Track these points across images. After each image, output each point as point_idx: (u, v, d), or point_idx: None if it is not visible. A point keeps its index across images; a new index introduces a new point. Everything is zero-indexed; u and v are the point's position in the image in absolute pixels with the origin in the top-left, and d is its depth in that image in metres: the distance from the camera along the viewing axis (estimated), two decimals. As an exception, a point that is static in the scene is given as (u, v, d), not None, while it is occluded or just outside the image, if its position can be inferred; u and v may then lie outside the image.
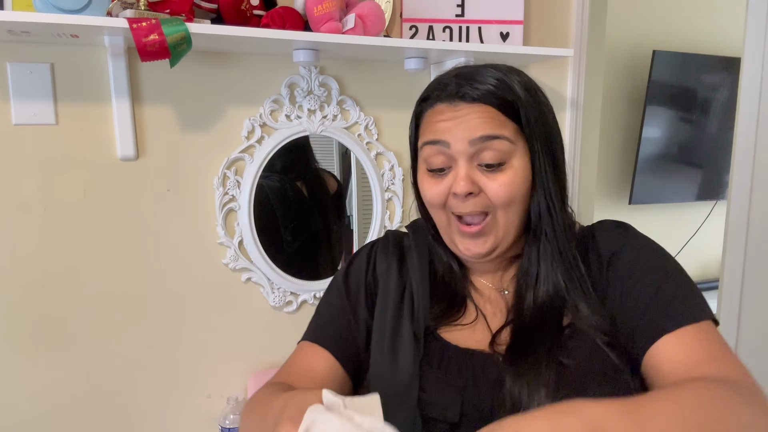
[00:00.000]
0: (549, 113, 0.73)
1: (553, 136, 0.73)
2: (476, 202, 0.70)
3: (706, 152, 3.12)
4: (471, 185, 0.69)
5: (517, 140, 0.69)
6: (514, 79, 0.70)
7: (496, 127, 0.68)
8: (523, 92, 0.70)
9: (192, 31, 1.02)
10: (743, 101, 1.38)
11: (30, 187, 1.13)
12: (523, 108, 0.69)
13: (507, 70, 0.72)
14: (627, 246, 0.73)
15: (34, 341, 1.16)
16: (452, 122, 0.69)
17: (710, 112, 3.06)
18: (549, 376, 0.64)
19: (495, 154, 0.68)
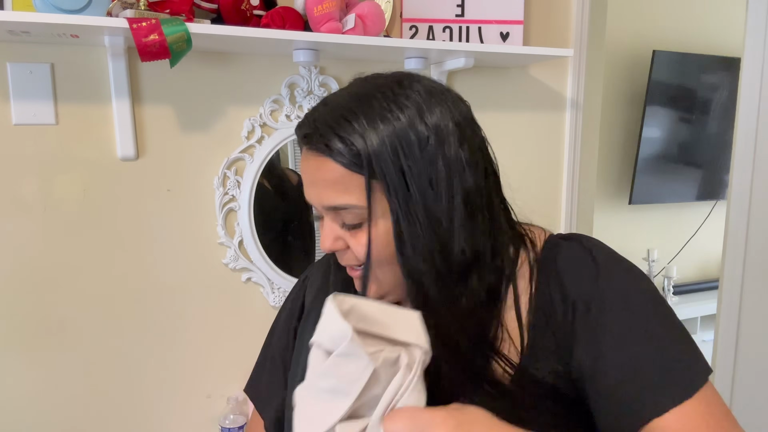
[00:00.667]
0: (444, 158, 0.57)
1: (436, 189, 0.57)
2: (347, 257, 0.63)
3: (706, 152, 3.12)
4: (334, 242, 0.61)
5: (379, 199, 0.57)
6: (381, 113, 0.56)
7: (341, 192, 0.57)
8: (387, 137, 0.55)
9: (192, 31, 1.02)
10: (743, 101, 1.38)
11: (30, 187, 1.13)
12: (378, 164, 0.55)
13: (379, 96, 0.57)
14: (602, 294, 0.59)
15: (34, 341, 1.16)
16: (306, 178, 0.61)
17: (710, 112, 3.06)
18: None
19: (351, 217, 0.59)
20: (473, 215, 0.59)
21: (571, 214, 1.59)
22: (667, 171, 3.06)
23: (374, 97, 0.57)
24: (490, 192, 0.62)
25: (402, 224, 0.56)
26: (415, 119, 0.56)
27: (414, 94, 0.58)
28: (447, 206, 0.57)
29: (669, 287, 3.08)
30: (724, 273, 1.47)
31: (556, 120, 1.57)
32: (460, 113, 0.60)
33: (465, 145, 0.58)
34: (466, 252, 0.58)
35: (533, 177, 1.55)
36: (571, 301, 0.59)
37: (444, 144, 0.57)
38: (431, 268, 0.58)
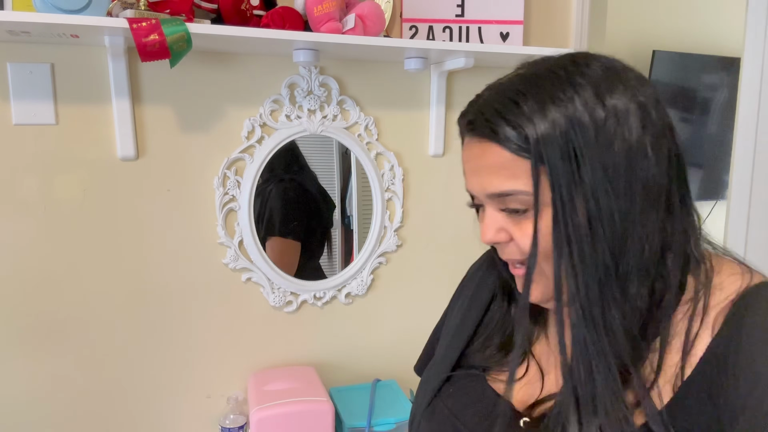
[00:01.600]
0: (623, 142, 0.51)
1: (612, 177, 0.50)
2: (510, 250, 0.58)
3: (706, 152, 3.12)
4: (496, 234, 0.57)
5: (547, 186, 0.52)
6: (552, 94, 0.51)
7: (507, 178, 0.53)
8: (558, 119, 0.50)
9: (192, 31, 1.02)
10: (743, 101, 1.38)
11: (30, 187, 1.13)
12: (546, 148, 0.50)
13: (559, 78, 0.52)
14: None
15: (34, 341, 1.16)
16: (469, 166, 0.58)
17: (710, 112, 3.06)
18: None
19: (516, 204, 0.54)
20: (653, 210, 0.52)
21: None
22: (667, 171, 3.06)
23: (545, 77, 0.52)
24: (674, 180, 0.54)
25: (562, 214, 0.51)
26: (590, 99, 0.50)
27: (591, 72, 0.52)
28: (624, 197, 0.51)
29: (669, 287, 3.08)
30: (724, 273, 1.47)
31: (556, 120, 1.57)
32: (644, 94, 0.53)
33: (649, 129, 0.52)
34: (641, 254, 0.52)
35: (533, 177, 1.55)
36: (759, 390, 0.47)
37: (624, 126, 0.50)
38: (591, 268, 0.51)
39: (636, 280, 0.52)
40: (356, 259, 1.40)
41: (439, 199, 1.45)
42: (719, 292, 0.54)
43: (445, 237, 1.47)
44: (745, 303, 0.51)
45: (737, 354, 0.49)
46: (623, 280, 0.52)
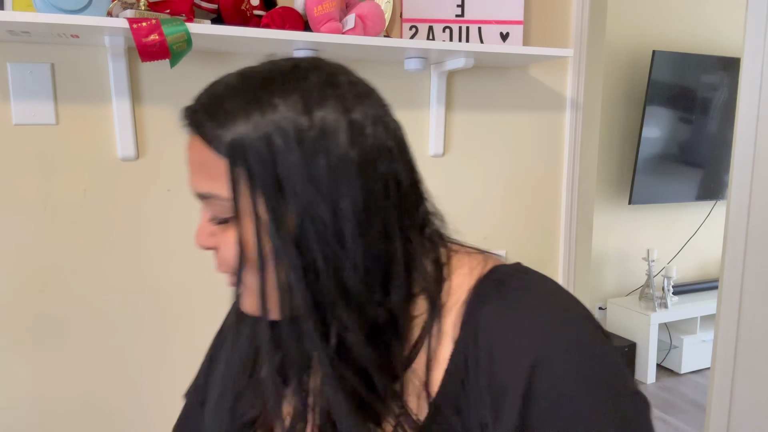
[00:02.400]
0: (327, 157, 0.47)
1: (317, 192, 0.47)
2: (219, 259, 0.53)
3: (706, 152, 3.12)
4: (207, 238, 0.52)
5: (246, 194, 0.48)
6: (260, 98, 0.48)
7: (207, 179, 0.49)
8: (260, 124, 0.47)
9: (192, 31, 1.02)
10: (743, 101, 1.38)
11: (30, 187, 1.13)
12: (243, 152, 0.47)
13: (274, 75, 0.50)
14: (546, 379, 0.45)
15: (34, 341, 1.16)
16: (188, 159, 0.53)
17: (710, 112, 3.07)
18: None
19: (218, 210, 0.50)
20: (366, 232, 0.48)
21: (571, 214, 1.59)
22: (667, 171, 3.07)
23: (260, 79, 0.50)
24: (393, 206, 0.51)
25: (267, 225, 0.47)
26: (298, 108, 0.48)
27: (306, 81, 0.50)
28: (331, 214, 0.47)
29: (669, 287, 3.08)
30: (724, 273, 1.47)
31: (556, 120, 1.57)
32: (362, 112, 0.51)
33: (358, 149, 0.48)
34: (355, 274, 0.49)
35: (533, 177, 1.55)
36: (497, 389, 0.46)
37: (329, 141, 0.47)
38: (301, 285, 0.48)
39: (355, 301, 0.49)
40: (356, 259, 1.40)
41: (439, 199, 1.45)
42: (453, 296, 0.52)
43: (445, 237, 1.47)
44: (475, 299, 0.50)
45: (476, 356, 0.48)
46: (341, 300, 0.49)
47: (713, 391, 1.52)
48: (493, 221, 1.52)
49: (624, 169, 3.10)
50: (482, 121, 1.47)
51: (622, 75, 2.99)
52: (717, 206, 3.31)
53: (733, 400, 1.46)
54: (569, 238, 1.58)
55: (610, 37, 2.71)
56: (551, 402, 0.45)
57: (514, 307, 0.48)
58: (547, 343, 0.46)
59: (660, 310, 3.03)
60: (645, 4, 2.96)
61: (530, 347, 0.46)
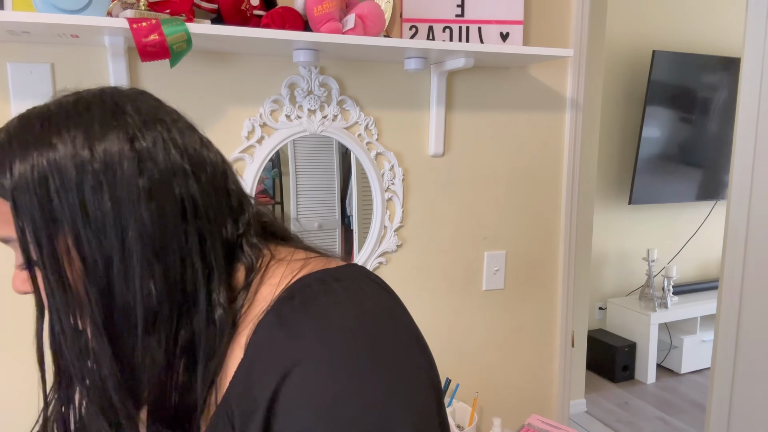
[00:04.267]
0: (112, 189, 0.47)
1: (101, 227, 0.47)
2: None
3: (706, 152, 3.13)
4: (21, 284, 0.53)
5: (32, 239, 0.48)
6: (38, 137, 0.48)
7: (4, 223, 0.49)
8: (36, 166, 0.47)
9: (192, 31, 1.02)
10: (743, 101, 1.38)
11: (30, 187, 1.13)
12: (20, 196, 0.47)
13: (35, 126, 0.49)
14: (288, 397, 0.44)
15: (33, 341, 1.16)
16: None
17: (710, 112, 3.07)
18: None
19: (18, 254, 0.52)
20: (157, 255, 0.48)
21: (571, 214, 1.59)
22: (667, 171, 3.07)
23: (39, 120, 0.49)
24: (193, 227, 0.50)
25: (46, 267, 0.48)
26: (78, 143, 0.47)
27: (87, 114, 0.49)
28: (118, 248, 0.47)
29: (669, 287, 3.09)
30: (724, 273, 1.47)
31: (556, 120, 1.57)
32: (151, 138, 0.50)
33: (147, 175, 0.48)
34: (149, 304, 0.48)
35: (533, 177, 1.55)
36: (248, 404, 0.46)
37: (114, 173, 0.47)
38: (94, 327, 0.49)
39: (153, 332, 0.49)
40: (356, 259, 1.40)
41: (439, 199, 1.45)
42: (256, 308, 0.51)
43: (445, 237, 1.47)
44: (269, 309, 0.49)
45: (246, 372, 0.47)
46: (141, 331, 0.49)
47: (713, 391, 1.53)
48: (493, 221, 1.52)
49: (624, 169, 3.10)
50: (482, 121, 1.47)
51: (622, 75, 2.99)
52: (717, 206, 3.31)
53: (733, 400, 1.46)
54: (569, 238, 1.58)
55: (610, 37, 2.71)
56: (287, 421, 0.43)
57: (283, 321, 0.46)
58: (298, 359, 0.44)
59: (660, 310, 3.03)
60: (645, 4, 2.96)
61: (281, 362, 0.44)
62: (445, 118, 1.43)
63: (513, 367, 1.59)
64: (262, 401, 0.44)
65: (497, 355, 1.57)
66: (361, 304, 0.47)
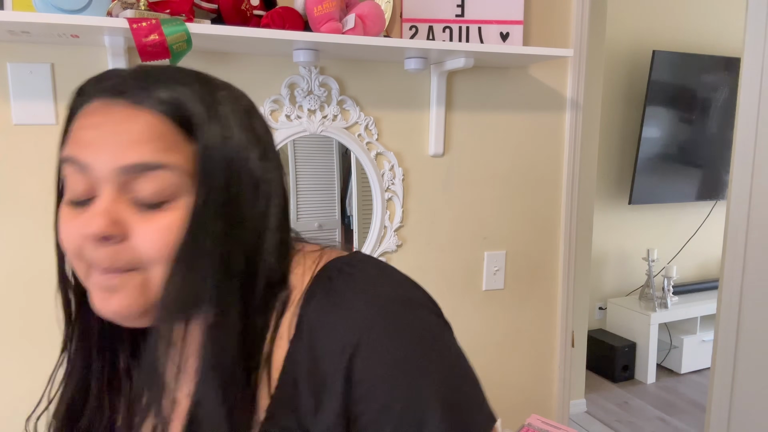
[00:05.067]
0: (251, 151, 0.50)
1: (244, 181, 0.49)
2: (117, 252, 0.47)
3: (706, 152, 3.13)
4: (110, 225, 0.46)
5: (190, 174, 0.47)
6: (212, 89, 0.50)
7: (162, 150, 0.46)
8: (216, 108, 0.49)
9: (192, 31, 1.02)
10: (743, 101, 1.38)
11: (30, 187, 1.13)
12: (206, 125, 0.48)
13: (206, 77, 0.51)
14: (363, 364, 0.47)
15: (34, 341, 1.16)
16: (99, 132, 0.47)
17: (710, 112, 3.07)
18: None
19: (155, 189, 0.47)
20: (281, 224, 0.52)
21: (571, 214, 1.59)
22: (667, 171, 3.07)
23: (192, 70, 0.52)
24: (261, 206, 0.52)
25: (207, 208, 0.47)
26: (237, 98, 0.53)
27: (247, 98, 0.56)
28: (261, 210, 0.50)
29: (669, 287, 3.09)
30: (724, 273, 1.47)
31: (556, 120, 1.57)
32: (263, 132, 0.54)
33: (264, 161, 0.52)
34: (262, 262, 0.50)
35: (533, 177, 1.55)
36: (320, 377, 0.48)
37: (251, 148, 0.50)
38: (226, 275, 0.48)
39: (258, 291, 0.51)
40: (356, 259, 1.40)
41: (439, 199, 1.45)
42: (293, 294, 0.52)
43: (445, 237, 1.47)
44: (305, 298, 0.50)
45: (302, 353, 0.49)
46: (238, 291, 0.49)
47: (713, 391, 1.53)
48: (493, 221, 1.52)
49: (624, 169, 3.10)
50: (482, 121, 1.47)
51: (622, 75, 2.99)
52: (717, 206, 3.31)
53: (733, 400, 1.46)
54: (569, 238, 1.58)
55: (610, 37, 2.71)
56: (369, 385, 0.46)
57: (335, 301, 0.49)
58: (363, 330, 0.47)
59: (660, 310, 3.03)
60: (645, 4, 2.96)
61: (347, 336, 0.47)
62: (445, 118, 1.43)
63: (513, 366, 1.59)
64: (336, 375, 0.47)
65: (497, 355, 1.57)
66: (391, 276, 0.52)
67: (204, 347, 0.48)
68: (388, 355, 0.47)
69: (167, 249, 0.46)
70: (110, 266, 0.47)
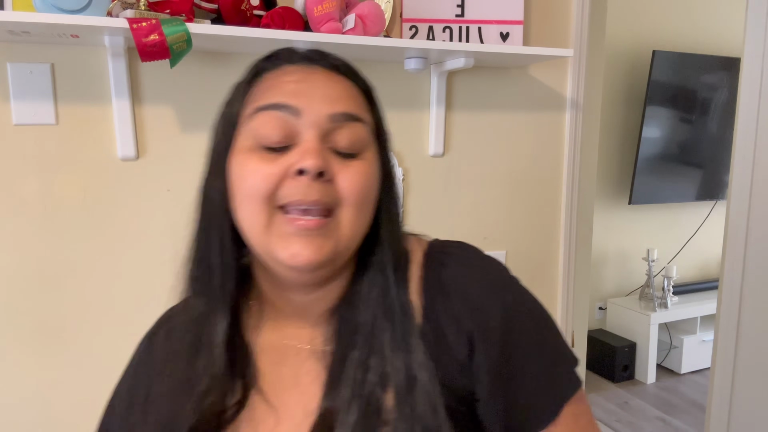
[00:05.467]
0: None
1: (390, 149, 0.61)
2: (325, 189, 0.52)
3: (706, 152, 3.12)
4: (324, 162, 0.51)
5: (373, 135, 0.57)
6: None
7: (360, 107, 0.56)
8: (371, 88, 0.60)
9: (192, 31, 1.02)
10: (743, 101, 1.38)
11: (30, 187, 1.13)
12: (377, 101, 0.60)
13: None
14: (494, 314, 0.55)
15: (34, 341, 1.16)
16: (308, 85, 0.54)
17: (710, 112, 3.07)
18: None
19: (353, 139, 0.54)
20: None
21: (571, 214, 1.59)
22: (667, 171, 3.07)
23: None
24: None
25: (386, 167, 0.58)
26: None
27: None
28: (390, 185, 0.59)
29: (669, 287, 3.08)
30: (724, 273, 1.47)
31: (556, 120, 1.57)
32: None
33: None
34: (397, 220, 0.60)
35: (533, 177, 1.55)
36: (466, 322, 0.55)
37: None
38: (393, 224, 0.59)
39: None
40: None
41: (439, 199, 1.45)
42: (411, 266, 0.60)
43: (445, 237, 1.46)
44: (430, 270, 0.59)
45: (450, 310, 0.56)
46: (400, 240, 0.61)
47: (713, 391, 1.52)
48: (493, 221, 1.52)
49: (624, 169, 3.10)
50: (482, 121, 1.47)
51: (622, 75, 2.99)
52: (717, 206, 3.31)
53: (733, 400, 1.46)
54: (569, 238, 1.58)
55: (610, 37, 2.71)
56: (522, 321, 0.56)
57: (468, 265, 0.59)
58: (504, 286, 0.58)
59: (660, 310, 3.03)
60: (645, 4, 2.96)
61: (495, 292, 0.56)
62: (445, 118, 1.43)
63: (513, 367, 1.59)
64: (493, 320, 0.55)
65: (497, 355, 1.56)
66: (482, 251, 0.62)
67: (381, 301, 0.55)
68: (529, 303, 0.59)
69: (362, 193, 0.53)
70: (319, 199, 0.51)
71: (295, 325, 0.59)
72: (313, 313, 0.58)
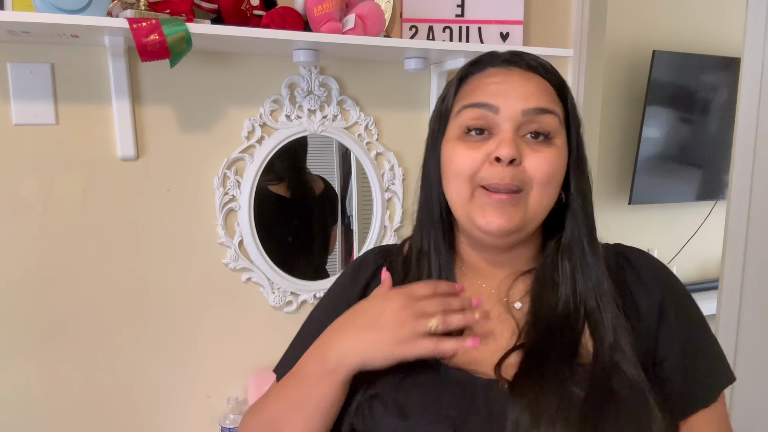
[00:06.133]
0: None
1: (582, 134, 0.71)
2: (515, 173, 0.64)
3: (706, 152, 3.12)
4: (516, 151, 0.64)
5: (562, 124, 0.68)
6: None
7: (551, 101, 0.67)
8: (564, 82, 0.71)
9: (192, 31, 1.02)
10: (743, 101, 1.38)
11: (30, 187, 1.13)
12: (569, 93, 0.70)
13: None
14: (678, 290, 0.70)
15: (34, 341, 1.16)
16: (505, 86, 0.66)
17: (710, 112, 3.06)
18: (564, 411, 0.57)
19: (543, 128, 0.66)
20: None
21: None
22: (667, 171, 3.06)
23: None
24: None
25: (574, 154, 0.69)
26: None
27: None
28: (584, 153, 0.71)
29: (669, 287, 3.08)
30: (724, 273, 1.47)
31: (556, 120, 1.57)
32: None
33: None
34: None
35: (533, 177, 1.55)
36: (655, 291, 0.68)
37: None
38: (582, 202, 0.70)
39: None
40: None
41: (439, 199, 1.45)
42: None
43: (445, 237, 1.47)
44: (610, 247, 0.79)
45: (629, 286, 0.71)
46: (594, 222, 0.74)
47: (713, 391, 1.52)
48: (493, 221, 1.52)
49: (624, 169, 3.10)
50: (482, 121, 1.47)
51: (622, 75, 2.99)
52: (717, 206, 3.31)
53: (733, 400, 1.46)
54: (569, 238, 1.58)
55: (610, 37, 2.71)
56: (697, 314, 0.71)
57: (645, 254, 0.74)
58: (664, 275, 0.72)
59: (660, 310, 3.02)
60: (645, 4, 2.96)
61: (672, 275, 0.72)
62: (445, 118, 1.43)
63: (513, 367, 1.59)
64: (678, 295, 0.70)
65: (497, 355, 1.56)
66: None
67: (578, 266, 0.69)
68: (683, 291, 0.71)
69: (548, 174, 0.65)
70: (510, 183, 0.64)
71: (486, 282, 0.73)
72: (501, 273, 0.72)
